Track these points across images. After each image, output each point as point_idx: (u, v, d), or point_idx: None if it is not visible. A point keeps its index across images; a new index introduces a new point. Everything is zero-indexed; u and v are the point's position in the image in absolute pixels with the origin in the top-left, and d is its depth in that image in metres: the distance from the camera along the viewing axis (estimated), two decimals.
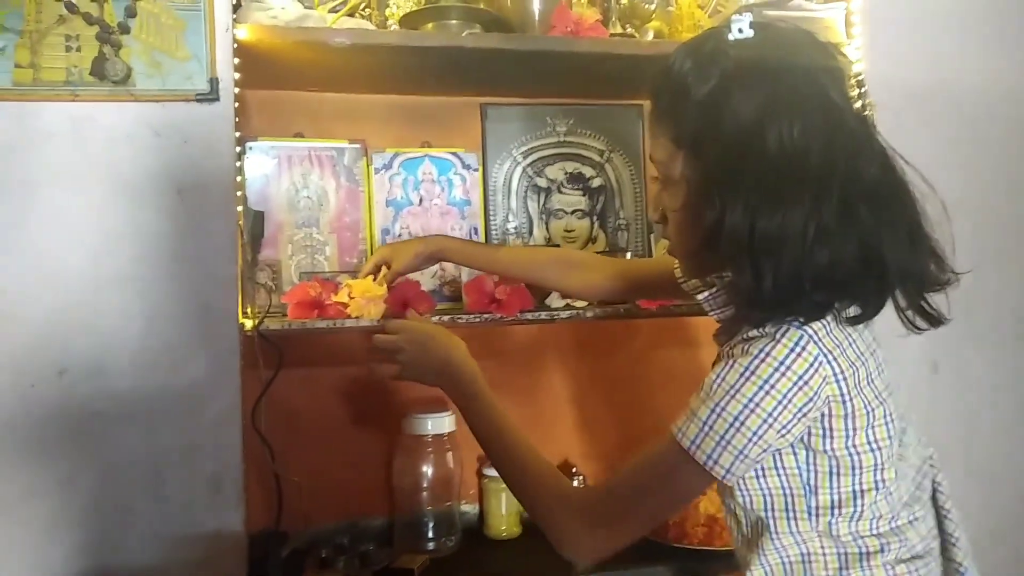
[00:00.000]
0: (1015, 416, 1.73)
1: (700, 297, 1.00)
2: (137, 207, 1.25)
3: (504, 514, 1.64)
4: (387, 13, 1.55)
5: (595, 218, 1.75)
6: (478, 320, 1.42)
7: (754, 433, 0.86)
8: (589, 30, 1.48)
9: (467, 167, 1.67)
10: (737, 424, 0.85)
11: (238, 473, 1.29)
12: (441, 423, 1.58)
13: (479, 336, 1.70)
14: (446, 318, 1.40)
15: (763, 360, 0.85)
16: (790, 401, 0.85)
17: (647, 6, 1.62)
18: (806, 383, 0.85)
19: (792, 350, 0.85)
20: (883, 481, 0.91)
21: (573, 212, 1.74)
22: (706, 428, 0.87)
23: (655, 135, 0.96)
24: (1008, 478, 1.69)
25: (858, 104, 0.94)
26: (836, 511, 0.91)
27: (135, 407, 1.25)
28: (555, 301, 1.49)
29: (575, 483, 1.68)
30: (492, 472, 1.63)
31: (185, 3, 1.26)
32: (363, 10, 1.56)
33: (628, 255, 1.54)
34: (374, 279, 1.39)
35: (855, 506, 0.91)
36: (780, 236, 0.84)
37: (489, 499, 1.65)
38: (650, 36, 1.62)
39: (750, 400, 0.85)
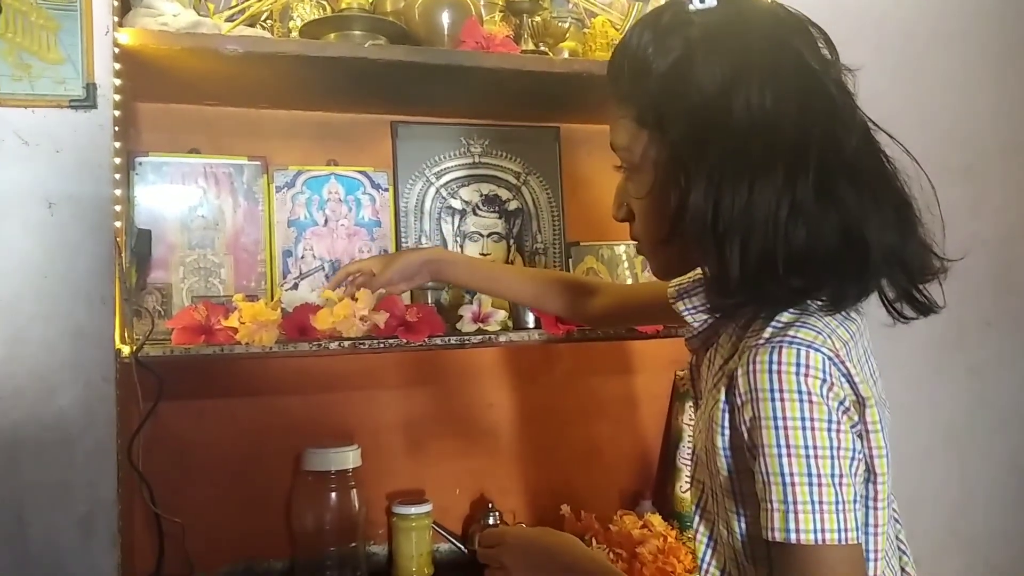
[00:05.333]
0: None
1: (671, 291, 0.92)
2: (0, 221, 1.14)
3: (415, 555, 1.54)
4: (290, 25, 1.48)
5: (511, 241, 1.69)
6: (382, 346, 1.33)
7: (832, 474, 0.73)
8: (499, 46, 1.43)
9: (377, 187, 1.59)
10: (812, 479, 0.72)
11: (112, 514, 1.17)
12: (344, 458, 1.48)
13: (386, 361, 1.62)
14: (346, 344, 1.31)
15: (782, 399, 0.73)
16: (831, 418, 0.74)
17: (560, 24, 1.58)
18: (831, 389, 0.74)
19: (798, 371, 0.74)
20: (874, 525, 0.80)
21: (489, 235, 1.67)
22: (790, 506, 0.72)
23: (615, 118, 0.87)
24: None
25: (837, 70, 0.84)
26: None
27: None
28: (466, 326, 1.42)
29: (491, 520, 1.60)
30: (402, 509, 1.54)
31: (59, 2, 1.16)
32: (265, 21, 1.48)
33: None
34: (345, 291, 1.30)
35: None
36: (747, 215, 0.76)
37: (399, 538, 1.55)
38: (564, 56, 1.58)
39: (804, 447, 0.73)
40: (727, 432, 0.79)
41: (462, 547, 1.60)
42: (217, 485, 1.48)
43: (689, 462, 1.72)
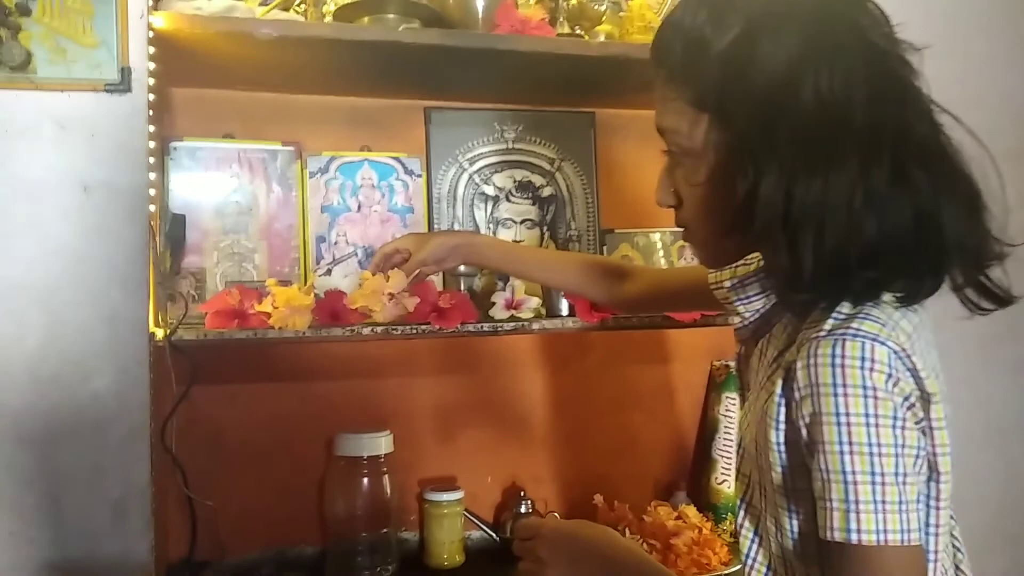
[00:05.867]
0: None
1: (727, 286, 0.90)
2: (36, 206, 1.15)
3: (447, 541, 1.53)
4: (324, 10, 1.46)
5: (545, 228, 1.67)
6: (414, 332, 1.32)
7: (896, 473, 0.70)
8: (534, 29, 1.41)
9: (409, 173, 1.58)
10: (876, 478, 0.70)
11: (146, 497, 1.18)
12: (377, 444, 1.47)
13: (419, 347, 1.61)
14: (379, 329, 1.30)
15: (845, 395, 0.71)
16: (896, 414, 0.72)
17: (596, 7, 1.55)
18: (896, 384, 0.72)
19: (862, 366, 0.71)
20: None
21: (522, 222, 1.66)
22: (852, 505, 0.70)
23: (666, 99, 0.82)
24: None
25: (901, 49, 0.80)
26: None
27: (30, 426, 1.14)
28: (499, 313, 1.41)
29: (523, 508, 1.59)
30: (434, 496, 1.53)
31: None
32: (298, 6, 1.47)
33: None
34: (378, 272, 1.29)
35: None
36: (821, 204, 0.72)
37: (431, 525, 1.54)
38: (601, 39, 1.55)
39: (868, 444, 0.70)
40: (782, 426, 0.77)
41: (494, 535, 1.59)
42: (250, 469, 1.48)
43: (726, 454, 1.70)
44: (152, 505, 1.17)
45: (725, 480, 1.68)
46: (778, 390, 0.77)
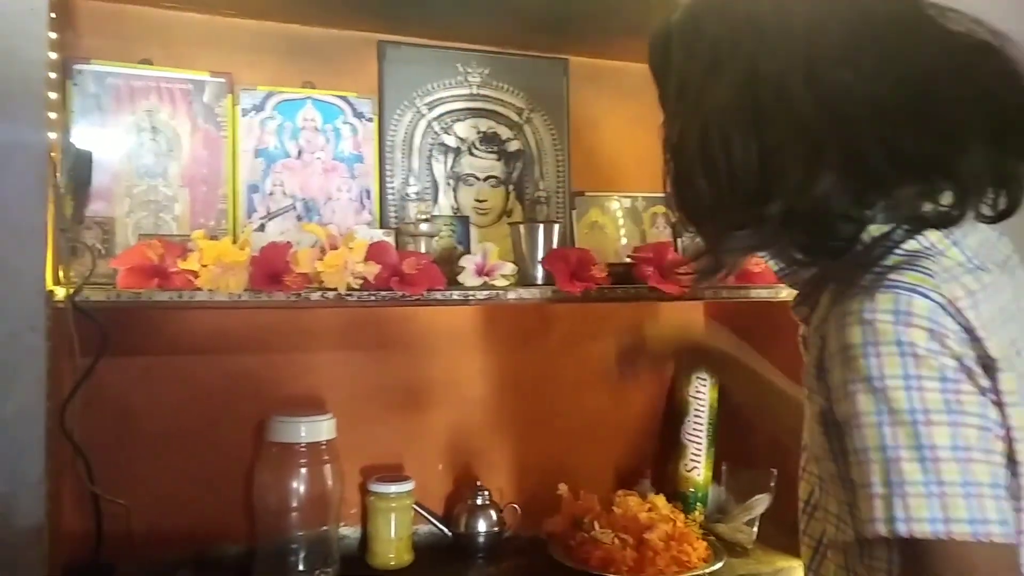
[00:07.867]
0: None
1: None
2: None
3: (392, 538, 1.35)
4: None
5: (511, 187, 1.49)
6: (372, 299, 1.13)
7: (954, 447, 0.57)
8: None
9: (359, 115, 1.38)
10: (925, 452, 0.58)
11: (39, 493, 0.95)
12: (318, 428, 1.28)
13: (357, 319, 1.42)
14: (331, 295, 1.10)
15: (878, 355, 0.60)
16: (945, 376, 0.59)
17: None
18: (943, 342, 0.60)
19: (896, 320, 0.60)
20: None
21: (486, 179, 1.47)
22: (896, 488, 0.58)
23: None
24: None
25: None
26: None
27: None
28: (469, 279, 1.22)
29: (479, 500, 1.42)
30: (381, 488, 1.35)
31: None
32: None
33: (556, 228, 1.28)
34: None
35: None
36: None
37: (375, 520, 1.36)
38: None
39: (910, 412, 0.58)
40: (819, 401, 0.67)
41: (445, 530, 1.42)
42: (166, 457, 1.27)
43: (695, 439, 1.57)
44: (47, 504, 0.95)
45: (695, 467, 1.56)
46: (814, 362, 0.68)
